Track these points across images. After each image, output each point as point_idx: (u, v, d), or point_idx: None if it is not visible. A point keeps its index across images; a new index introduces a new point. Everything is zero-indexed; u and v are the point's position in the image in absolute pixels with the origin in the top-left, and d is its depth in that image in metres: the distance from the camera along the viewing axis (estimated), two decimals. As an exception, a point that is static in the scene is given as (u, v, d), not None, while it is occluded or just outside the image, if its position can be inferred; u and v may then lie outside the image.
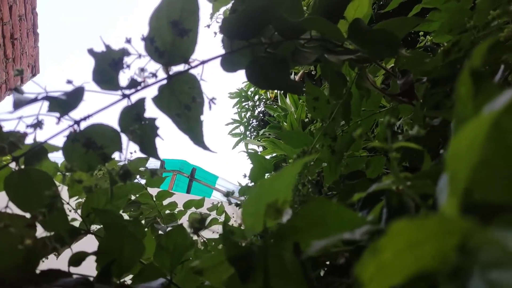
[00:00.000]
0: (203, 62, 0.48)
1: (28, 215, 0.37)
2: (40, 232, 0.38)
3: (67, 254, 0.50)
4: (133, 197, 1.11)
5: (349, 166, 0.82)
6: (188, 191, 4.63)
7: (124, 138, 0.43)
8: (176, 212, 1.20)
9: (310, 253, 0.17)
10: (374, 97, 0.82)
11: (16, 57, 2.88)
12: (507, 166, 0.13)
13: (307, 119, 1.97)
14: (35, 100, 0.34)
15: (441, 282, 0.10)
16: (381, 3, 2.76)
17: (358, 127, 0.82)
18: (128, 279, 0.50)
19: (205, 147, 0.48)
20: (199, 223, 0.24)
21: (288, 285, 0.25)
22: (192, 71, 0.47)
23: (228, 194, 0.34)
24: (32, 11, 3.05)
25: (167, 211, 1.19)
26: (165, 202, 1.18)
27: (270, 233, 0.25)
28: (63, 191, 0.49)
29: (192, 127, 0.47)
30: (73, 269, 0.44)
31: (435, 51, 0.74)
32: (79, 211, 0.63)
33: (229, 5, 0.88)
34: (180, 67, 0.47)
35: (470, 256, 0.09)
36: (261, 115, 4.48)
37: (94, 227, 0.60)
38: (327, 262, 0.39)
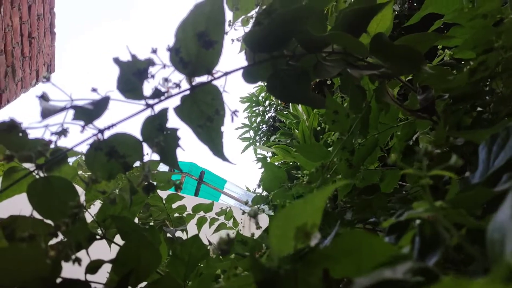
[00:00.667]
0: (226, 74, 0.48)
1: (48, 221, 0.37)
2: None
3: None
4: (143, 200, 1.12)
5: (365, 179, 0.81)
6: (196, 194, 4.64)
7: (145, 147, 0.43)
8: (185, 216, 1.20)
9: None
10: (392, 111, 0.81)
11: (33, 56, 2.92)
12: None
13: (319, 128, 1.96)
14: (63, 109, 0.34)
15: None
16: (396, 13, 2.75)
17: (375, 140, 0.81)
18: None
19: (224, 159, 0.48)
20: (227, 245, 0.24)
21: (315, 311, 0.25)
22: (214, 82, 0.47)
23: (247, 203, 0.33)
24: (50, 11, 3.09)
25: (176, 214, 1.19)
26: (174, 205, 1.18)
27: (299, 258, 0.25)
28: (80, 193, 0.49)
29: (212, 138, 0.46)
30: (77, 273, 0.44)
31: (456, 67, 0.74)
32: (89, 210, 0.63)
33: (249, 14, 0.88)
34: (203, 78, 0.47)
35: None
36: (271, 120, 4.48)
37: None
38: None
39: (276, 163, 2.19)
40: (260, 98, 4.72)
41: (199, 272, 0.63)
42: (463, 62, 0.84)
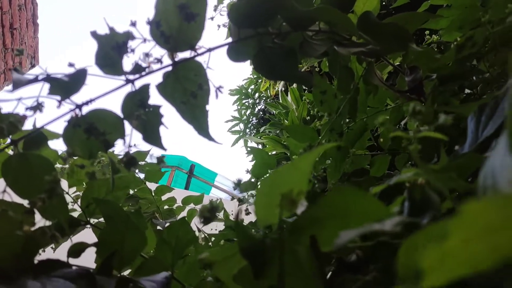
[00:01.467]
0: (209, 50, 0.46)
1: (26, 203, 0.36)
2: (39, 220, 0.37)
3: (65, 247, 0.49)
4: (131, 192, 1.10)
5: (354, 163, 0.81)
6: (186, 188, 4.62)
7: (127, 125, 0.42)
8: (174, 208, 1.19)
9: (338, 245, 0.16)
10: (381, 94, 0.80)
11: (15, 48, 2.84)
12: None
13: (308, 117, 1.96)
14: (35, 80, 0.33)
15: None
16: (383, 3, 2.75)
17: (363, 124, 0.81)
18: (127, 274, 0.49)
19: (210, 138, 0.47)
20: (210, 212, 0.23)
21: (303, 282, 0.24)
22: (198, 58, 0.46)
23: (238, 185, 0.32)
24: (32, 1, 3.02)
25: (166, 207, 1.18)
26: (163, 197, 1.16)
27: (285, 226, 0.23)
28: (62, 183, 0.47)
29: (197, 116, 0.45)
30: (71, 261, 0.42)
31: (444, 47, 0.73)
32: (78, 203, 0.61)
33: (235, -3, 0.86)
34: (186, 54, 0.45)
35: None
36: (261, 113, 4.46)
37: (93, 220, 0.59)
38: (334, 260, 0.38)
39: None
40: (249, 90, 4.70)
41: (189, 260, 0.62)
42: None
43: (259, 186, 0.24)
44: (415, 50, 0.59)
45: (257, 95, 4.58)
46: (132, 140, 0.44)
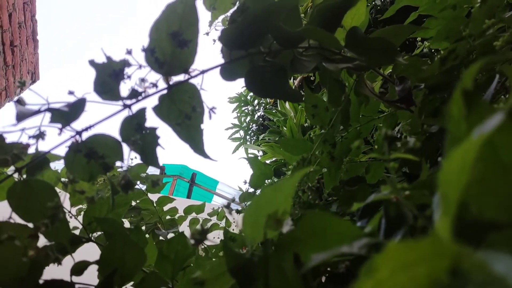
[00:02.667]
0: (202, 72, 0.48)
1: (30, 225, 0.38)
2: (42, 241, 0.39)
3: (68, 261, 0.51)
4: (133, 203, 1.12)
5: (349, 171, 0.83)
6: (188, 196, 4.63)
7: (125, 147, 0.44)
8: (176, 218, 1.20)
9: (310, 266, 0.18)
10: (373, 103, 0.83)
11: (16, 64, 2.88)
12: (501, 182, 0.13)
13: (306, 124, 1.98)
14: (37, 112, 0.35)
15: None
16: (379, 8, 2.78)
17: (357, 133, 0.82)
18: (129, 286, 0.51)
19: (205, 156, 0.49)
20: (200, 235, 0.25)
21: (289, 295, 0.26)
22: (192, 81, 0.48)
23: (229, 206, 0.34)
24: (31, 18, 3.06)
25: (168, 217, 1.20)
26: (165, 208, 1.18)
27: (270, 244, 0.25)
28: (65, 198, 0.50)
29: (192, 136, 0.47)
30: (74, 278, 0.44)
31: (432, 58, 0.75)
32: (79, 217, 0.63)
33: (228, 13, 0.88)
34: (180, 77, 0.47)
35: (462, 278, 0.09)
36: (260, 119, 4.49)
37: (95, 234, 0.61)
38: (328, 269, 0.40)
39: (267, 161, 2.20)
40: (248, 97, 4.72)
41: (189, 272, 0.64)
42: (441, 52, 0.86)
43: (247, 208, 0.26)
44: (401, 63, 0.61)
45: (256, 102, 4.61)
46: (132, 155, 0.46)
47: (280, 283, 0.25)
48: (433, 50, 1.03)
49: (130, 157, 0.44)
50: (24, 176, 0.40)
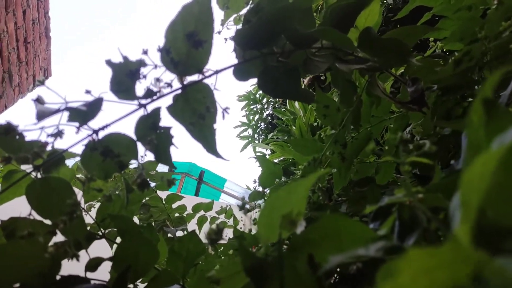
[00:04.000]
0: (216, 72, 0.49)
1: (48, 222, 0.39)
2: (56, 237, 0.40)
3: (81, 257, 0.52)
4: (143, 200, 1.13)
5: (359, 172, 0.82)
6: (196, 194, 4.66)
7: (140, 146, 0.45)
8: (185, 215, 1.21)
9: (327, 268, 0.18)
10: (384, 104, 0.82)
11: (29, 61, 2.93)
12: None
13: (316, 123, 1.97)
14: (57, 111, 0.36)
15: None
16: (391, 6, 2.75)
17: (368, 133, 0.82)
18: (140, 283, 0.51)
19: (217, 155, 0.49)
20: (216, 235, 0.25)
21: (302, 295, 0.26)
22: (206, 81, 0.48)
23: (243, 206, 0.34)
24: (45, 15, 3.10)
25: (176, 214, 1.21)
26: (174, 205, 1.19)
27: (284, 245, 0.26)
28: (78, 194, 0.51)
29: (205, 135, 0.48)
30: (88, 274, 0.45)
31: (446, 59, 0.75)
32: (90, 213, 0.64)
33: (241, 12, 0.89)
34: (194, 77, 0.48)
35: (483, 284, 0.09)
36: (269, 118, 4.49)
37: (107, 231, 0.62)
38: (338, 269, 0.40)
39: (275, 160, 2.20)
40: (257, 96, 4.72)
41: (199, 269, 0.65)
42: (455, 53, 0.85)
43: (262, 208, 0.26)
44: (414, 64, 0.60)
45: (265, 100, 4.61)
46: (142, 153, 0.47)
47: (294, 283, 0.26)
48: (446, 51, 1.02)
49: (141, 155, 0.45)
50: (41, 173, 0.41)
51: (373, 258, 0.25)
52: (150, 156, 0.48)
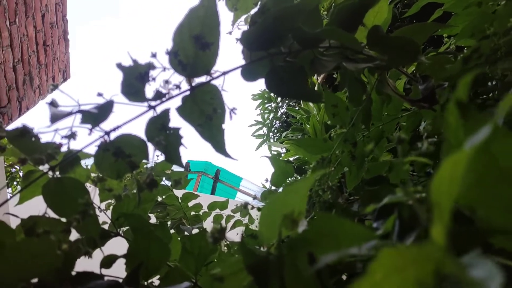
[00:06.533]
0: (224, 73, 0.50)
1: (63, 220, 0.40)
2: (74, 235, 0.41)
3: (97, 255, 0.53)
4: (159, 199, 1.15)
5: (371, 171, 0.82)
6: (212, 192, 4.70)
7: (150, 146, 0.46)
8: (201, 214, 1.23)
9: (319, 266, 0.19)
10: (396, 102, 0.82)
11: (48, 63, 3.01)
12: (495, 184, 0.13)
13: (329, 122, 1.96)
14: (69, 114, 0.37)
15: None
16: (405, 2, 2.71)
17: (379, 131, 0.82)
18: (155, 280, 0.53)
19: (226, 155, 0.50)
20: (219, 233, 0.26)
21: (304, 292, 0.27)
22: (214, 82, 0.49)
23: (246, 205, 0.35)
24: (63, 18, 3.18)
25: (192, 213, 1.22)
26: (190, 204, 1.20)
27: (285, 244, 0.26)
28: (95, 194, 0.52)
29: (214, 135, 0.49)
30: (103, 271, 0.46)
31: (456, 56, 0.74)
32: (108, 212, 0.66)
33: (251, 13, 0.90)
34: (202, 79, 0.49)
35: (447, 281, 0.10)
36: (284, 116, 4.49)
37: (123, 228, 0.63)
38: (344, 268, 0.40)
39: (291, 158, 2.20)
40: (272, 94, 4.72)
41: (212, 267, 0.66)
42: (465, 50, 0.84)
43: (262, 208, 0.27)
44: (424, 62, 0.60)
45: (279, 99, 4.61)
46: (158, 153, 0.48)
47: (295, 282, 0.26)
48: (461, 47, 1.01)
49: (156, 154, 0.46)
50: (57, 173, 0.43)
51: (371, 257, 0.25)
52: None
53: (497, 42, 0.50)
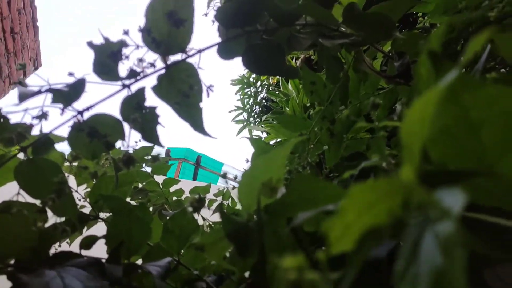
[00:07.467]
0: (199, 51, 0.49)
1: (39, 202, 0.40)
2: (51, 216, 0.41)
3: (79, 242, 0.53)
4: (140, 185, 1.14)
5: (349, 148, 0.83)
6: (194, 178, 4.68)
7: (126, 126, 0.45)
8: (183, 199, 1.23)
9: (295, 224, 0.19)
10: (373, 80, 0.83)
11: (18, 51, 2.89)
12: (464, 136, 0.14)
13: (309, 104, 1.97)
14: (39, 92, 0.36)
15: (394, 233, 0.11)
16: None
17: (357, 109, 0.83)
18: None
19: (205, 133, 0.50)
20: (198, 203, 0.26)
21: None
22: (190, 60, 0.49)
23: (225, 175, 0.35)
24: (31, 4, 3.05)
25: (174, 198, 1.22)
26: (171, 189, 1.20)
27: (264, 210, 0.27)
28: (71, 181, 0.51)
29: (192, 114, 0.48)
30: (85, 253, 0.46)
31: (430, 32, 0.75)
32: (88, 200, 0.65)
33: (226, -8, 0.88)
34: (178, 57, 0.48)
35: (413, 212, 0.10)
36: (263, 101, 4.47)
37: (104, 215, 0.63)
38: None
39: (271, 142, 2.21)
40: (251, 79, 4.70)
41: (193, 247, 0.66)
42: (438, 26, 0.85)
43: (241, 178, 0.27)
44: (399, 38, 0.61)
45: (258, 83, 4.59)
46: (135, 137, 0.47)
47: (276, 246, 0.27)
48: (435, 25, 1.02)
49: (135, 140, 0.45)
50: (30, 156, 0.42)
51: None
52: (145, 142, 0.49)
53: (469, 16, 0.51)
